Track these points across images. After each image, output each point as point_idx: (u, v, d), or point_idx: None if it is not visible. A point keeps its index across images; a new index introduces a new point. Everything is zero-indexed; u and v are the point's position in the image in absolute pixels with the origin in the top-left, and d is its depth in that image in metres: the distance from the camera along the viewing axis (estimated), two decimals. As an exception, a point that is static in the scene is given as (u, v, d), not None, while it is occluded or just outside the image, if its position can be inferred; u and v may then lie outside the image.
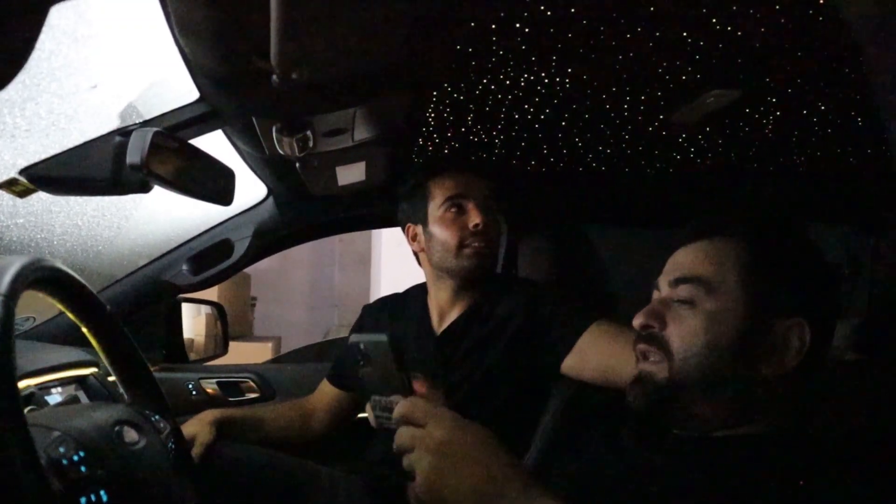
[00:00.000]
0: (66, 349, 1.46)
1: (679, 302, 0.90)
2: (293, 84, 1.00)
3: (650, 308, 0.94)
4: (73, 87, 1.01)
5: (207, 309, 2.36)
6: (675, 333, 0.89)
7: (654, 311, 0.93)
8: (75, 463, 0.70)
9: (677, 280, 0.92)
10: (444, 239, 1.52)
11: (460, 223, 1.51)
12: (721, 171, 1.90)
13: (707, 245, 0.93)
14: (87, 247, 1.59)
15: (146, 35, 0.96)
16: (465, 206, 1.52)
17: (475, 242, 1.50)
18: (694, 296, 0.89)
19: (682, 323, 0.89)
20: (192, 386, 1.95)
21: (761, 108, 1.45)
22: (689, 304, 0.89)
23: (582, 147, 1.70)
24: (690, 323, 0.88)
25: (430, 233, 1.55)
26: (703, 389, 0.87)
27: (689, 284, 0.90)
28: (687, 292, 0.90)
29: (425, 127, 1.54)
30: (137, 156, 1.03)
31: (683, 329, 0.89)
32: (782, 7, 1.03)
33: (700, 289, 0.89)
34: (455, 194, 1.52)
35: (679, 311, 0.90)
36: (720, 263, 0.89)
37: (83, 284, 0.89)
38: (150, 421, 0.92)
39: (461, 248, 1.51)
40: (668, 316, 0.91)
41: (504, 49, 1.16)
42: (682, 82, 1.30)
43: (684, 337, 0.88)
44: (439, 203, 1.53)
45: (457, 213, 1.52)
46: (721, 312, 0.87)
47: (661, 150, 1.74)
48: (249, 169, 1.57)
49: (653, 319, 0.92)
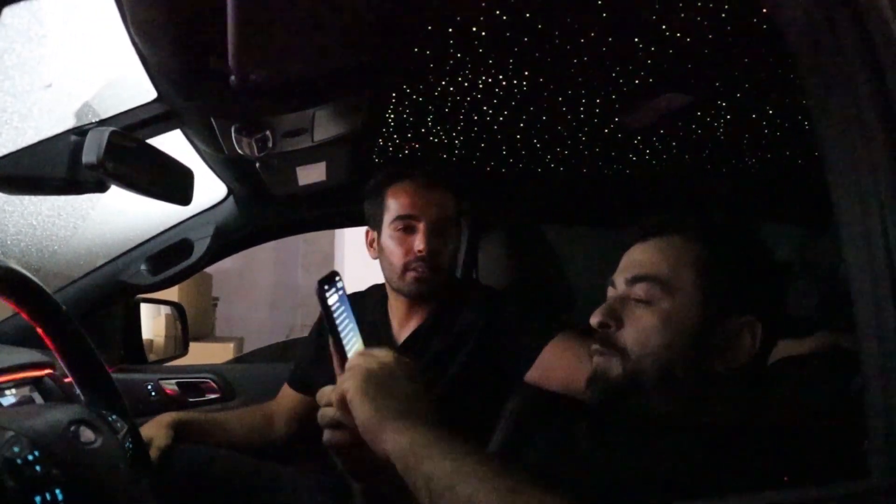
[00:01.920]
0: (20, 350, 1.43)
1: (636, 301, 0.92)
2: (251, 85, 1.01)
3: (607, 306, 0.94)
4: (27, 86, 1.00)
5: (167, 309, 2.34)
6: (632, 332, 0.91)
7: (610, 310, 0.93)
8: (30, 462, 0.69)
9: (634, 278, 0.93)
10: (391, 258, 1.49)
11: (407, 245, 1.47)
12: (676, 172, 1.95)
13: (662, 243, 0.95)
14: (43, 247, 1.57)
15: (101, 34, 0.95)
16: (415, 227, 1.47)
17: (418, 268, 1.46)
18: (651, 295, 0.90)
19: (639, 322, 0.90)
20: (152, 387, 1.93)
21: (712, 111, 1.50)
22: (646, 303, 0.90)
23: (540, 148, 1.73)
24: (647, 322, 0.90)
25: (381, 246, 1.53)
26: (658, 386, 0.89)
27: (645, 283, 0.91)
28: (643, 291, 0.91)
29: (385, 128, 1.56)
30: (94, 155, 1.02)
31: (640, 328, 0.90)
32: (728, 15, 1.07)
33: (657, 287, 0.90)
34: (406, 213, 1.47)
35: (635, 310, 0.91)
36: (677, 262, 0.91)
37: (37, 284, 0.88)
38: (107, 421, 0.91)
39: (405, 270, 1.47)
40: (625, 314, 0.92)
41: (462, 51, 1.18)
42: (635, 86, 1.33)
43: (640, 336, 0.90)
44: (391, 219, 1.49)
45: (405, 234, 1.47)
46: (677, 311, 0.89)
47: (616, 152, 1.78)
48: (209, 168, 1.57)
49: (609, 318, 0.92)
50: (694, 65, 1.25)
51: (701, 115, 1.52)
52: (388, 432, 0.73)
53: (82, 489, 0.74)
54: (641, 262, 0.95)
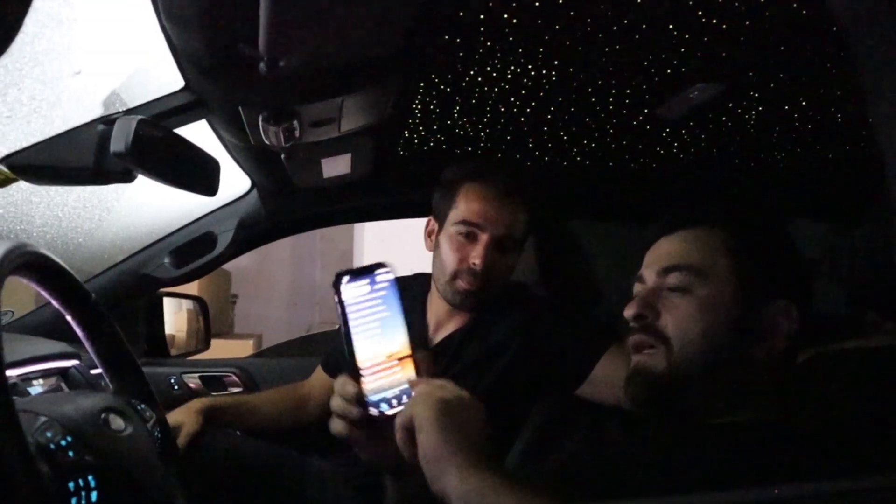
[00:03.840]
0: (47, 341, 1.44)
1: (671, 290, 0.91)
2: (281, 72, 1.00)
3: (641, 299, 0.93)
4: (56, 73, 1.00)
5: (189, 304, 2.34)
6: (671, 322, 0.89)
7: (645, 302, 0.92)
8: (63, 448, 0.69)
9: (667, 269, 0.92)
10: (444, 260, 1.43)
11: (464, 253, 1.40)
12: (703, 166, 1.92)
13: (691, 234, 0.94)
14: (68, 239, 1.57)
15: (131, 20, 0.95)
16: (477, 235, 1.40)
17: (467, 280, 1.41)
18: (686, 282, 0.89)
19: (677, 311, 0.89)
20: (175, 380, 1.93)
21: (744, 103, 1.47)
22: (682, 291, 0.89)
23: (567, 141, 1.71)
24: (685, 310, 0.88)
25: (438, 242, 1.47)
26: (703, 377, 0.87)
27: (679, 272, 0.90)
28: (678, 280, 0.90)
29: (411, 119, 1.54)
30: (122, 144, 1.02)
31: (679, 317, 0.89)
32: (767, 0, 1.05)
33: (691, 275, 0.89)
34: (472, 220, 1.40)
35: (672, 300, 0.90)
36: (707, 249, 0.90)
37: (68, 271, 0.88)
38: (136, 409, 0.91)
39: (455, 277, 1.42)
40: (661, 305, 0.91)
41: (492, 40, 1.17)
42: (667, 76, 1.31)
43: (680, 324, 0.88)
44: (455, 220, 1.42)
45: (465, 240, 1.41)
46: (714, 298, 0.88)
47: (644, 145, 1.75)
48: (233, 160, 1.56)
49: (646, 309, 0.91)
50: (728, 53, 1.22)
51: (732, 106, 1.49)
52: (453, 471, 0.70)
53: (114, 476, 0.74)
54: (671, 253, 0.94)
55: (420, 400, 0.76)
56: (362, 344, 0.79)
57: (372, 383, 0.79)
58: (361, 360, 0.78)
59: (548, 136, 1.68)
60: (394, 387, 0.80)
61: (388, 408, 0.79)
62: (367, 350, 0.79)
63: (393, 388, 0.80)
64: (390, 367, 0.80)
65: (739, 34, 1.15)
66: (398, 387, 0.80)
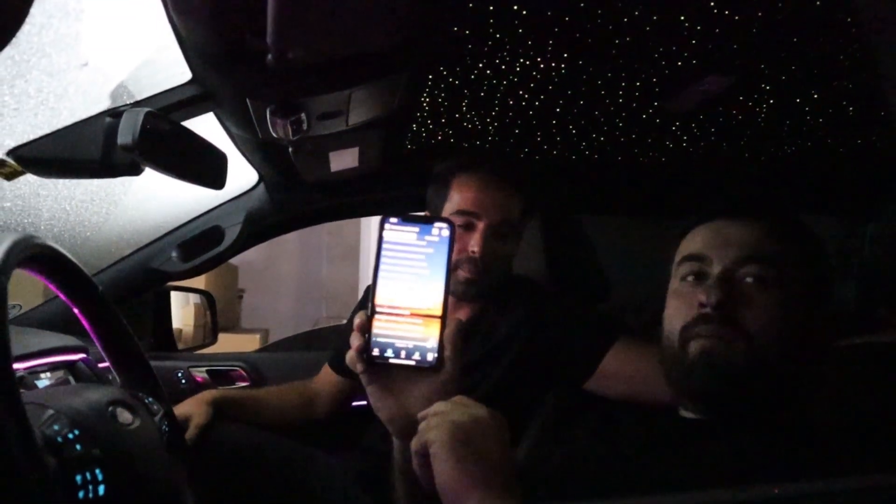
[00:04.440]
0: (54, 334, 1.44)
1: (749, 281, 0.88)
2: (288, 64, 0.99)
3: (720, 286, 0.89)
4: (63, 65, 0.99)
5: (196, 299, 2.36)
6: (751, 315, 0.87)
7: (724, 290, 0.88)
8: (70, 441, 0.68)
9: (746, 258, 0.89)
10: None
11: (462, 242, 1.39)
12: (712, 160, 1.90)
13: (764, 223, 0.92)
14: (76, 232, 1.57)
15: (138, 11, 0.94)
16: (474, 224, 1.40)
17: (468, 269, 1.40)
18: (767, 276, 0.87)
19: (757, 303, 0.87)
20: (182, 374, 1.93)
21: (755, 96, 1.45)
22: (762, 284, 0.88)
23: (575, 134, 1.70)
24: (766, 303, 0.87)
25: None
26: (778, 372, 0.86)
27: (758, 263, 0.88)
28: (758, 271, 0.88)
29: (419, 112, 1.53)
30: (129, 136, 1.02)
31: (760, 310, 0.87)
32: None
33: (772, 269, 0.88)
34: (468, 209, 1.40)
35: (751, 292, 0.88)
36: (786, 244, 0.90)
37: (75, 264, 0.88)
38: (144, 403, 0.91)
39: (455, 269, 1.39)
40: (738, 294, 0.88)
41: (501, 32, 1.16)
42: (677, 68, 1.30)
43: (761, 318, 0.86)
44: (451, 211, 1.42)
45: (463, 230, 1.40)
46: (794, 296, 0.87)
47: (653, 138, 1.74)
48: (241, 154, 1.56)
49: (725, 297, 0.88)
50: (740, 45, 1.21)
51: (743, 99, 1.48)
52: (475, 501, 0.66)
53: (122, 469, 0.73)
54: (747, 242, 0.91)
55: (435, 425, 0.72)
56: (386, 285, 0.78)
57: (384, 325, 0.78)
58: (380, 300, 0.78)
59: (556, 129, 1.66)
60: (408, 339, 0.78)
61: (394, 356, 0.78)
62: (389, 293, 0.78)
63: (406, 340, 0.78)
64: (410, 319, 0.78)
65: (751, 26, 1.13)
66: (413, 341, 0.78)
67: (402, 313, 0.78)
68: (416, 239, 0.79)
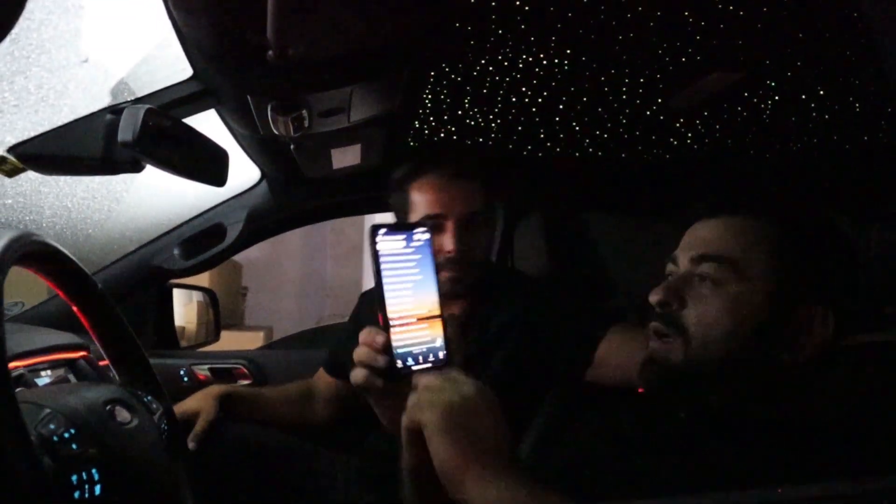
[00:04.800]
0: (56, 332, 1.43)
1: (701, 279, 0.87)
2: (289, 61, 0.98)
3: (668, 285, 0.90)
4: (63, 61, 0.98)
5: (199, 297, 2.35)
6: (695, 314, 0.86)
7: (673, 288, 0.89)
8: (66, 440, 0.68)
9: (701, 256, 0.88)
10: None
11: (437, 245, 1.37)
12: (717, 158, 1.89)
13: (734, 221, 0.89)
14: (77, 230, 1.57)
15: (138, 7, 0.93)
16: (443, 225, 1.41)
17: (449, 269, 1.40)
18: (719, 275, 0.85)
19: (704, 303, 0.86)
20: (184, 372, 1.93)
21: (760, 92, 1.44)
22: (714, 283, 0.86)
23: (579, 131, 1.69)
24: (713, 303, 0.85)
25: None
26: (720, 374, 0.84)
27: (714, 262, 0.86)
28: (712, 270, 0.86)
29: (422, 109, 1.53)
30: (129, 133, 1.01)
31: (705, 310, 0.85)
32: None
33: (726, 268, 0.85)
34: (433, 213, 1.40)
35: (701, 290, 0.87)
36: (749, 243, 0.86)
37: (74, 261, 0.87)
38: (143, 401, 0.90)
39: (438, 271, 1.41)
40: (689, 294, 0.88)
41: (503, 28, 1.15)
42: (681, 64, 1.29)
43: (705, 318, 0.85)
44: (417, 216, 1.43)
45: (434, 232, 1.34)
46: (747, 295, 0.84)
47: (658, 135, 1.73)
48: (243, 151, 1.55)
49: (672, 297, 0.88)
50: (745, 41, 1.20)
51: (747, 96, 1.47)
52: (471, 481, 0.67)
53: (118, 469, 0.73)
54: (709, 240, 0.89)
55: (427, 405, 0.72)
56: (394, 296, 0.79)
57: (400, 336, 0.79)
58: (392, 312, 0.79)
59: (560, 126, 1.66)
60: (420, 344, 0.80)
61: (414, 363, 0.79)
62: (398, 303, 0.80)
63: (419, 346, 0.80)
64: (418, 325, 0.81)
65: (756, 21, 1.12)
66: (425, 344, 0.81)
67: (411, 321, 0.80)
68: (406, 246, 0.81)
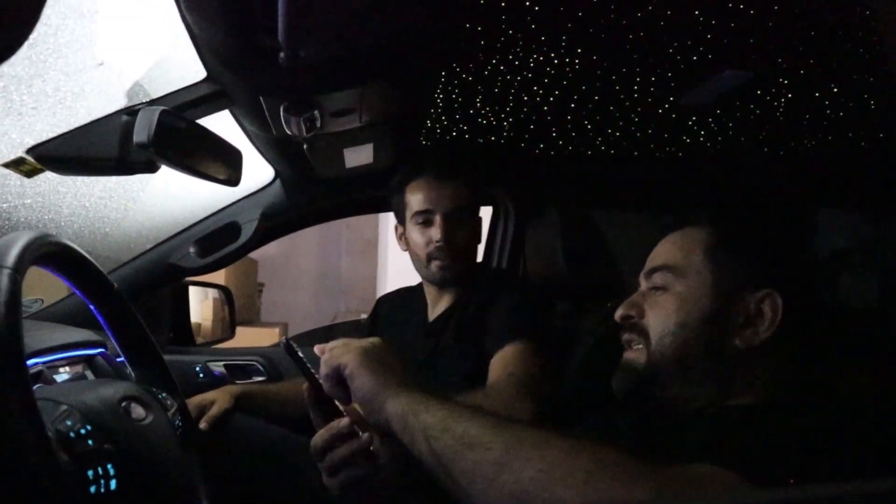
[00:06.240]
0: (74, 329, 1.46)
1: (653, 289, 0.97)
2: (301, 62, 0.99)
3: (630, 300, 0.99)
4: (79, 64, 1.00)
5: (214, 293, 2.37)
6: (651, 317, 0.95)
7: (632, 303, 0.98)
8: (82, 436, 0.70)
9: (651, 270, 0.99)
10: (415, 250, 1.61)
11: (427, 237, 1.57)
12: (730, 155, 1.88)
13: (675, 236, 1.01)
14: (95, 228, 1.59)
15: (152, 11, 0.95)
16: (432, 219, 1.57)
17: (438, 258, 1.56)
18: (665, 281, 0.95)
19: (657, 307, 0.95)
20: (200, 368, 1.95)
21: (773, 90, 1.43)
22: (662, 289, 0.95)
23: (591, 130, 1.69)
24: (664, 306, 0.94)
25: (407, 239, 1.64)
26: (679, 368, 0.92)
27: (660, 272, 0.97)
28: (660, 279, 0.96)
29: (433, 108, 1.53)
30: (144, 135, 1.03)
31: (657, 313, 0.95)
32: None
33: (670, 274, 0.95)
34: (423, 209, 1.57)
35: (654, 298, 0.96)
36: (687, 248, 0.96)
37: (90, 261, 0.89)
38: (158, 398, 0.92)
39: (429, 260, 1.58)
40: (646, 304, 0.97)
41: (514, 27, 1.15)
42: (693, 62, 1.28)
43: (658, 320, 0.94)
44: (411, 214, 1.59)
45: (424, 226, 1.58)
46: (690, 292, 0.93)
47: (669, 133, 1.73)
48: (256, 151, 1.57)
49: (631, 310, 0.97)
50: (757, 39, 1.19)
51: (760, 94, 1.46)
52: (389, 398, 0.80)
53: (134, 465, 0.74)
54: (657, 255, 1.01)
55: (344, 350, 0.87)
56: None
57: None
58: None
59: (571, 124, 1.66)
60: None
61: None
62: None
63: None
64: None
65: (768, 19, 1.12)
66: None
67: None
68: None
